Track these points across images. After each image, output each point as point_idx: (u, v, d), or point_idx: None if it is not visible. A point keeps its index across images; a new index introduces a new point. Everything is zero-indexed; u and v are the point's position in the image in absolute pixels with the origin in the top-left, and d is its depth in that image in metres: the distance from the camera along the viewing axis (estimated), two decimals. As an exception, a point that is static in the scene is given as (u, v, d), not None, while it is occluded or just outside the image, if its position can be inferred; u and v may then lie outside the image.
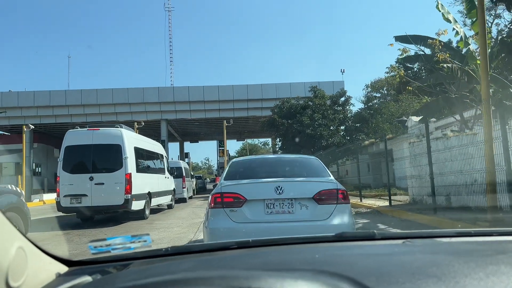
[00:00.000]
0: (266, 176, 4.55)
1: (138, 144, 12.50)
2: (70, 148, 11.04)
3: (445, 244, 1.21)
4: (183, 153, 48.75)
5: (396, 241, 1.26)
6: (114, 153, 11.05)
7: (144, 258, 1.15)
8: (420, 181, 10.15)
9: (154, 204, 13.52)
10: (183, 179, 19.78)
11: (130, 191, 10.86)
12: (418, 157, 10.10)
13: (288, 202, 4.21)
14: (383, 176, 20.51)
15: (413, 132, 17.04)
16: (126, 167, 10.93)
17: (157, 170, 14.48)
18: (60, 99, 31.18)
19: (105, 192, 10.74)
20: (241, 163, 5.27)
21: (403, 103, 28.65)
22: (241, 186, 4.35)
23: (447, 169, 8.83)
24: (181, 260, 1.13)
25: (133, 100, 31.60)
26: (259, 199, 4.22)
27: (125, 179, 10.87)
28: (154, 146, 14.71)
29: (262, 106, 31.99)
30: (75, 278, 0.95)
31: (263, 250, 1.21)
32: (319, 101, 24.90)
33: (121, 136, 11.14)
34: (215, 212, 4.25)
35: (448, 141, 8.94)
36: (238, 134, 45.95)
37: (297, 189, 4.32)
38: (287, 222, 4.14)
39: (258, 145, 71.45)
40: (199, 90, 32.24)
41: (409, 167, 10.87)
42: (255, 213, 4.18)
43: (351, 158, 19.74)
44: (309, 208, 4.20)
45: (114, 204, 10.72)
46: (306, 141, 23.70)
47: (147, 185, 12.47)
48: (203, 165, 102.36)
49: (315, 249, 1.20)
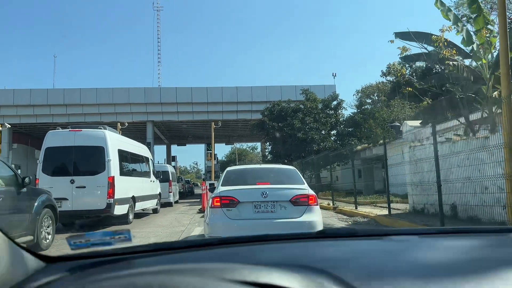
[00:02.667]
0: (253, 182, 5.78)
1: (122, 146, 11.90)
2: (51, 150, 10.54)
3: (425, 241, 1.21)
4: (170, 157, 47.85)
5: (377, 238, 1.27)
6: (97, 155, 10.59)
7: (124, 254, 1.12)
8: (421, 189, 9.62)
9: (139, 209, 13.04)
10: (169, 183, 19.46)
11: (113, 195, 10.42)
12: (420, 163, 9.57)
13: (271, 204, 5.43)
14: (375, 182, 20.15)
15: (407, 137, 16.62)
16: (109, 170, 10.45)
17: (142, 173, 13.90)
18: (41, 98, 29.99)
19: (87, 195, 10.31)
20: (234, 171, 6.53)
21: (394, 108, 28.52)
22: (235, 191, 5.56)
23: (453, 176, 8.31)
24: (161, 256, 1.12)
25: (118, 100, 30.58)
26: (249, 201, 5.44)
27: (107, 183, 10.44)
28: (139, 148, 14.08)
29: (252, 109, 31.38)
30: (52, 274, 0.95)
31: (244, 247, 1.21)
32: (310, 104, 24.35)
33: (104, 137, 10.60)
34: (215, 211, 5.42)
35: (454, 145, 8.42)
36: (227, 138, 45.34)
37: (278, 194, 5.53)
38: (270, 219, 5.35)
39: (247, 150, 70.75)
40: (187, 91, 31.46)
41: (409, 173, 10.34)
42: (246, 212, 5.39)
43: (343, 163, 19.30)
44: (287, 209, 5.43)
45: (95, 208, 10.26)
46: (296, 145, 23.11)
47: (131, 189, 12.01)
48: (191, 169, 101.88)
49: (296, 245, 1.21)
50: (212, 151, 24.77)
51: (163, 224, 11.36)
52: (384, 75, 42.79)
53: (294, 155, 23.32)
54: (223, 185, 5.80)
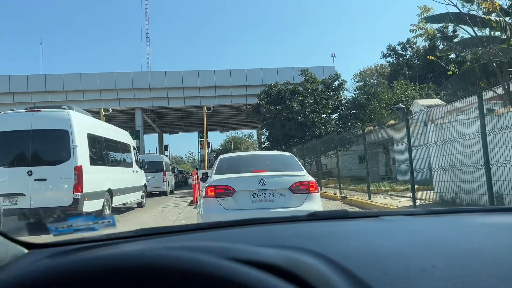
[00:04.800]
0: (248, 170, 5.51)
1: (94, 131, 10.13)
2: (3, 135, 8.78)
3: (417, 222, 1.19)
4: (163, 146, 46.04)
5: (368, 219, 1.24)
6: (60, 141, 8.86)
7: (108, 239, 1.06)
8: (452, 174, 7.95)
9: (119, 203, 11.41)
10: (163, 173, 19.92)
11: (81, 189, 8.72)
12: (450, 143, 7.88)
13: (269, 192, 5.16)
14: (380, 168, 18.62)
15: (417, 118, 14.90)
16: (75, 159, 8.72)
17: (121, 162, 12.18)
18: (21, 85, 28.02)
19: (48, 190, 8.64)
20: (228, 159, 6.17)
21: (397, 90, 27.07)
22: (231, 179, 5.24)
23: (496, 158, 6.63)
24: (147, 241, 1.06)
25: (104, 86, 28.67)
26: (246, 190, 5.17)
27: (73, 174, 8.71)
28: (117, 134, 12.30)
29: (247, 93, 29.59)
30: (33, 260, 0.90)
31: (233, 230, 1.17)
32: (310, 85, 22.49)
33: (69, 119, 8.82)
34: (208, 201, 5.14)
35: (499, 119, 6.71)
36: (221, 125, 43.66)
37: (277, 181, 5.24)
38: (269, 209, 5.07)
39: (243, 138, 68.96)
40: (177, 76, 29.56)
41: (435, 156, 8.64)
42: (242, 202, 5.14)
43: (346, 148, 17.69)
44: (286, 197, 5.17)
45: (60, 205, 8.49)
46: (296, 130, 21.33)
47: (106, 180, 10.32)
48: (187, 159, 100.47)
49: (286, 227, 1.18)
50: (205, 138, 22.99)
51: (145, 221, 9.84)
52: (384, 56, 41.13)
53: (293, 140, 21.58)
54: (216, 173, 5.53)
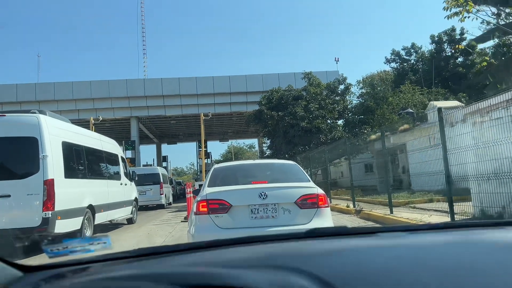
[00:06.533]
0: (247, 182, 4.92)
1: (72, 139, 8.80)
2: None
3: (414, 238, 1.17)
4: (161, 157, 44.64)
5: (366, 236, 1.24)
6: (27, 151, 7.63)
7: (105, 260, 1.08)
8: (498, 184, 6.53)
9: (103, 220, 10.09)
10: (160, 185, 19.52)
11: (52, 206, 7.42)
12: (496, 146, 6.48)
13: (272, 207, 4.50)
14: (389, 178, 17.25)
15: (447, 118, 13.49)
16: (45, 171, 7.45)
17: (106, 174, 10.78)
18: (10, 95, 26.78)
19: (13, 208, 7.38)
20: (223, 168, 5.55)
21: (404, 94, 25.90)
22: (226, 192, 4.61)
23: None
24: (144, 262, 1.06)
25: (97, 95, 27.44)
26: (244, 204, 4.53)
27: (43, 188, 7.41)
28: (102, 142, 10.93)
29: (247, 100, 28.33)
30: (29, 283, 0.92)
31: (230, 249, 1.16)
32: (314, 89, 21.14)
33: (38, 125, 7.53)
34: (200, 218, 4.51)
35: None
36: (221, 134, 42.36)
37: (280, 194, 4.63)
38: (271, 227, 4.38)
39: (244, 148, 67.52)
40: (174, 83, 28.34)
41: (474, 162, 7.23)
42: (240, 219, 4.47)
43: (355, 155, 16.34)
44: (292, 213, 4.53)
45: (26, 226, 7.26)
46: (300, 137, 19.93)
47: (87, 195, 9.05)
48: (188, 170, 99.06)
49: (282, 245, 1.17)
50: (202, 146, 21.60)
51: (130, 244, 8.32)
52: (388, 61, 39.94)
53: (297, 148, 20.17)
54: (210, 185, 4.89)
